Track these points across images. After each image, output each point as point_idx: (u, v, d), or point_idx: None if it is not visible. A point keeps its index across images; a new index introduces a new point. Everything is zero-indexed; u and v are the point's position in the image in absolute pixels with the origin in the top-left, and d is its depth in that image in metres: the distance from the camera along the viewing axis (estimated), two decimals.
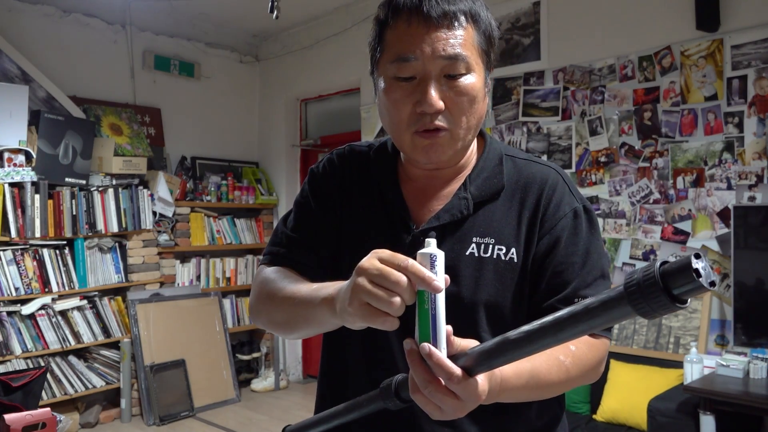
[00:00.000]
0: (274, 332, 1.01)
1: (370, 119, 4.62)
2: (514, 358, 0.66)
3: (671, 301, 0.51)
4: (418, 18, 0.88)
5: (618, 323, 0.58)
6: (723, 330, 3.01)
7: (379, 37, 0.94)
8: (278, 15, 3.11)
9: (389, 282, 0.70)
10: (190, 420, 4.25)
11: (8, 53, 3.92)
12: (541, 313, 0.92)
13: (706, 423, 2.52)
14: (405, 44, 0.89)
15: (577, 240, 0.95)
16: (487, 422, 0.96)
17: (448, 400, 0.68)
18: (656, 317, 0.53)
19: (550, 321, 0.62)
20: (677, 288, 0.50)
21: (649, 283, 0.51)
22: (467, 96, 0.90)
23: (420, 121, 0.90)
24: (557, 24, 3.65)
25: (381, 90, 0.94)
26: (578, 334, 0.61)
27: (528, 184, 0.98)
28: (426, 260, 0.71)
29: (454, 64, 0.89)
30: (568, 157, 3.60)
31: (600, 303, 0.57)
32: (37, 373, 2.30)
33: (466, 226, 0.96)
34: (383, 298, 0.70)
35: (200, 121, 5.12)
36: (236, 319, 5.08)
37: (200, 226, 4.88)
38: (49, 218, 3.95)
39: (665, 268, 0.51)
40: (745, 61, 2.98)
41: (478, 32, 0.92)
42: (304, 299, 0.88)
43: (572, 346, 0.88)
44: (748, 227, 2.82)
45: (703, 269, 0.49)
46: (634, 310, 0.53)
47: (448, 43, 0.88)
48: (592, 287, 0.93)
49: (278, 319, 0.96)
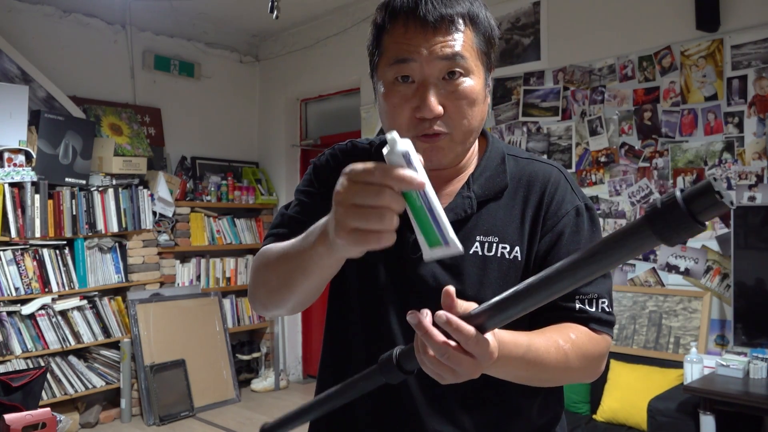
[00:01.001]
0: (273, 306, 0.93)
1: (370, 119, 4.62)
2: (529, 308, 0.64)
3: (696, 222, 0.51)
4: (414, 22, 0.87)
5: (640, 254, 0.56)
6: (723, 330, 3.01)
7: (377, 41, 0.93)
8: (278, 15, 3.12)
9: (371, 198, 0.63)
10: (190, 420, 4.25)
11: (8, 53, 3.92)
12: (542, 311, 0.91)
13: (706, 423, 2.52)
14: (402, 47, 0.89)
15: (579, 238, 0.95)
16: (487, 418, 0.96)
17: (465, 359, 0.67)
18: (678, 243, 0.53)
19: (566, 263, 0.59)
20: (700, 210, 0.51)
21: (671, 207, 0.52)
22: (467, 99, 0.89)
23: (419, 126, 0.89)
24: (557, 24, 3.65)
25: (380, 94, 0.93)
26: (599, 271, 0.59)
27: (531, 182, 0.99)
28: (399, 159, 0.64)
29: (453, 64, 0.88)
30: (568, 157, 3.60)
31: (620, 233, 0.56)
32: (37, 373, 2.31)
33: (470, 225, 0.96)
34: (370, 215, 0.64)
35: (200, 121, 5.12)
36: (236, 319, 5.07)
37: (200, 226, 4.89)
38: (49, 218, 3.95)
39: (685, 192, 0.52)
40: (745, 61, 2.98)
41: (476, 34, 0.91)
42: (298, 248, 0.82)
43: (572, 334, 0.88)
44: (748, 227, 2.82)
45: (723, 190, 0.50)
46: (657, 236, 0.53)
47: (446, 44, 0.87)
48: (593, 285, 0.93)
49: (274, 284, 0.89)
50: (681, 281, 3.17)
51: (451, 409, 0.95)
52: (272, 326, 5.28)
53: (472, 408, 0.95)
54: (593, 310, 0.92)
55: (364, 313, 1.01)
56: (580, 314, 0.91)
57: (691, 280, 3.14)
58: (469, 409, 0.95)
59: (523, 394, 0.96)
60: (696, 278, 3.12)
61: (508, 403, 0.96)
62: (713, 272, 3.06)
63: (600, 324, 0.92)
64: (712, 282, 3.06)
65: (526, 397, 0.97)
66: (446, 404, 0.95)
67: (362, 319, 1.01)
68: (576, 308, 0.91)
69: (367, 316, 1.00)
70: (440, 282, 0.92)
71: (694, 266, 3.13)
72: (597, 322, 0.92)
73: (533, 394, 0.97)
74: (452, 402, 0.95)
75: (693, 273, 3.13)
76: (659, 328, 3.14)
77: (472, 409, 0.95)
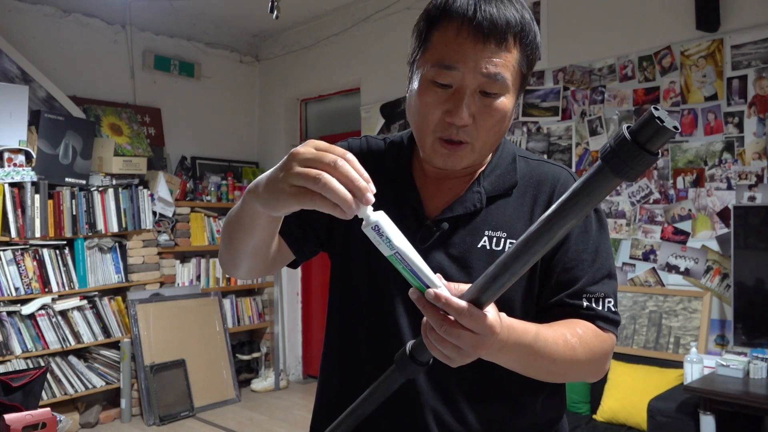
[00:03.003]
0: (230, 263, 0.98)
1: (370, 119, 4.62)
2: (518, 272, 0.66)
3: (647, 153, 0.53)
4: (468, 28, 0.87)
5: (605, 196, 0.58)
6: (723, 330, 3.01)
7: (426, 33, 0.92)
8: (278, 15, 3.12)
9: (322, 164, 0.68)
10: (190, 420, 4.25)
11: (8, 53, 3.92)
12: (549, 309, 0.94)
13: (706, 423, 2.52)
14: (450, 52, 0.88)
15: (587, 238, 0.97)
16: (491, 413, 0.97)
17: (465, 334, 0.69)
18: (635, 176, 0.55)
19: (542, 220, 0.62)
20: (647, 139, 0.53)
21: (620, 143, 0.54)
22: (496, 116, 0.91)
23: (446, 130, 0.91)
24: (557, 24, 3.65)
25: (415, 88, 0.94)
26: (575, 219, 0.60)
27: (540, 182, 1.01)
28: (371, 233, 0.70)
29: (493, 83, 0.88)
30: (568, 157, 3.59)
31: (582, 182, 0.58)
32: (37, 373, 2.30)
33: (479, 219, 0.98)
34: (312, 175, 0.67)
35: (200, 121, 5.12)
36: (236, 319, 5.08)
37: (200, 226, 4.89)
38: (49, 218, 3.96)
39: (631, 127, 0.54)
40: (745, 61, 2.98)
41: (522, 55, 0.91)
42: (237, 206, 0.88)
43: (579, 329, 0.89)
44: (748, 227, 2.82)
45: (664, 116, 0.53)
46: (615, 174, 0.55)
47: (491, 61, 0.87)
48: (600, 284, 0.95)
49: (225, 241, 0.95)
50: (681, 281, 3.17)
51: (455, 402, 0.96)
52: (272, 326, 5.28)
53: (476, 402, 0.96)
54: (600, 308, 0.94)
55: (370, 307, 1.02)
56: (587, 312, 0.93)
57: (691, 280, 3.14)
58: (473, 403, 0.96)
59: (527, 390, 0.97)
60: (696, 278, 3.12)
61: (511, 399, 0.98)
62: (713, 272, 3.06)
63: (606, 322, 0.94)
64: (712, 282, 3.06)
65: (530, 393, 0.98)
66: (451, 397, 0.96)
67: (369, 314, 1.02)
68: (583, 306, 0.93)
69: (373, 310, 1.02)
70: (448, 275, 0.94)
71: (694, 266, 3.13)
72: (603, 320, 0.94)
73: (537, 391, 0.98)
74: (457, 395, 0.96)
75: (693, 273, 3.13)
76: (659, 328, 3.14)
77: (476, 403, 0.96)
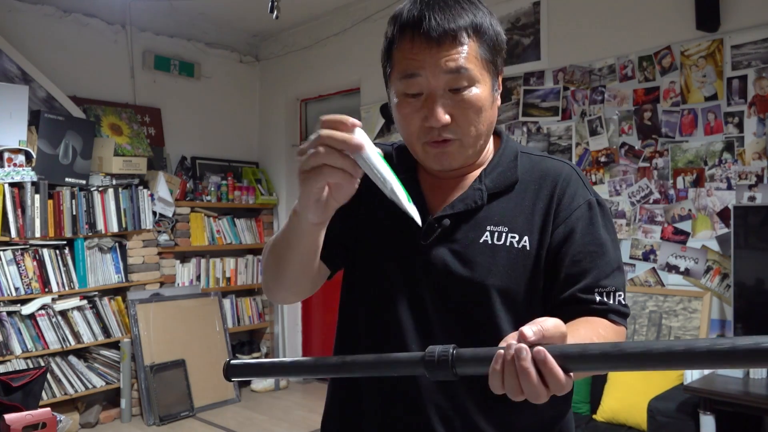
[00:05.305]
0: (275, 286, 1.01)
1: (370, 119, 4.62)
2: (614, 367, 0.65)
3: None
4: (419, 37, 0.91)
5: None
6: (723, 330, 3.01)
7: (388, 53, 0.98)
8: (278, 15, 3.12)
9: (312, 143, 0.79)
10: (190, 420, 4.25)
11: (8, 53, 3.92)
12: (561, 305, 0.95)
13: (706, 423, 2.52)
14: (409, 62, 0.93)
15: (594, 230, 0.98)
16: (494, 410, 0.97)
17: (543, 391, 0.68)
18: None
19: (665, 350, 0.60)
20: None
21: None
22: (473, 108, 0.93)
23: (429, 133, 0.95)
24: (557, 24, 3.65)
25: (393, 104, 0.99)
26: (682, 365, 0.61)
27: (543, 176, 1.02)
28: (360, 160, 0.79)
29: (458, 78, 0.91)
30: (568, 157, 3.59)
31: None
32: (37, 373, 2.31)
33: (481, 216, 0.99)
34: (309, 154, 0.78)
35: (200, 121, 5.12)
36: (236, 319, 5.07)
37: (200, 226, 4.89)
38: (49, 218, 3.95)
39: None
40: (745, 61, 2.98)
41: (481, 44, 0.94)
42: (279, 232, 0.96)
43: (601, 330, 0.90)
44: (748, 227, 2.82)
45: None
46: None
47: (450, 58, 0.91)
48: (611, 278, 0.96)
49: (271, 263, 0.99)
50: (681, 281, 3.17)
51: (458, 398, 0.97)
52: (272, 326, 5.28)
53: (480, 398, 0.97)
54: (612, 302, 0.95)
55: (372, 301, 1.04)
56: (599, 306, 0.94)
57: (691, 280, 3.14)
58: (476, 400, 0.96)
59: None
60: (696, 278, 3.12)
61: None
62: (713, 272, 3.06)
63: (618, 315, 0.95)
64: (712, 282, 3.06)
65: None
66: (453, 393, 0.97)
67: (370, 307, 1.04)
68: (596, 300, 0.94)
69: (375, 303, 1.03)
70: (450, 269, 0.96)
71: (694, 266, 3.13)
72: (616, 314, 0.95)
73: None
74: (459, 391, 0.97)
75: (693, 273, 3.13)
76: (659, 328, 3.14)
77: (479, 399, 0.96)
